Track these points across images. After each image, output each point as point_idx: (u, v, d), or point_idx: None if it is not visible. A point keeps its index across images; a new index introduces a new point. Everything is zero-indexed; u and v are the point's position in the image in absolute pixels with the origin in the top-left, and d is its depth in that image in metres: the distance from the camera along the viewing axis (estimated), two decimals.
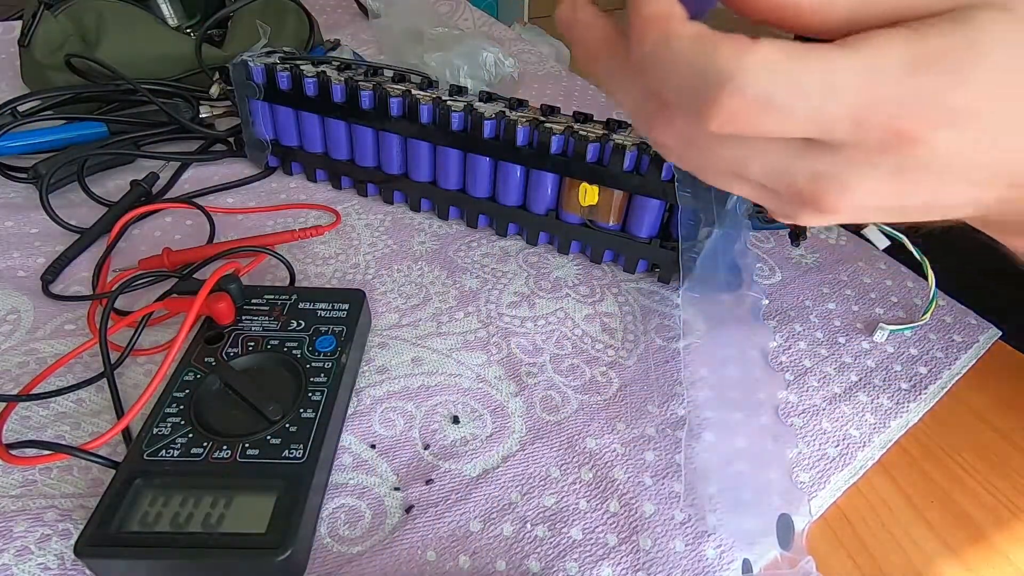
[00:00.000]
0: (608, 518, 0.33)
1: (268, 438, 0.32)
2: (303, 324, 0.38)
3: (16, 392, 0.36)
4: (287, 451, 0.31)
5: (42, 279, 0.44)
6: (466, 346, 0.41)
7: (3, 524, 0.31)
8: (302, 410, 0.33)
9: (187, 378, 0.34)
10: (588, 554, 0.31)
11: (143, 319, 0.39)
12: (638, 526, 0.32)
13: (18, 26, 0.66)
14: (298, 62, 0.49)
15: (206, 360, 0.35)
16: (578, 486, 0.34)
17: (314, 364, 0.36)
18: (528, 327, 0.43)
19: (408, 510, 0.33)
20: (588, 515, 0.33)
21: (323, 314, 0.39)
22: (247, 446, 0.31)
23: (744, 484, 0.33)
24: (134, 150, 0.54)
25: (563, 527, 0.32)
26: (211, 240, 0.48)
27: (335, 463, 0.34)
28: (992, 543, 0.33)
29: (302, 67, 0.48)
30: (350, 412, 0.37)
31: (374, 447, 0.35)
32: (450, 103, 0.45)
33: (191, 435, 0.32)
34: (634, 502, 0.33)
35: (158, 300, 0.41)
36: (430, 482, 0.34)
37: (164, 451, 0.31)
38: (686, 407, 0.38)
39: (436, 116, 0.45)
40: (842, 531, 0.33)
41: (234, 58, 0.50)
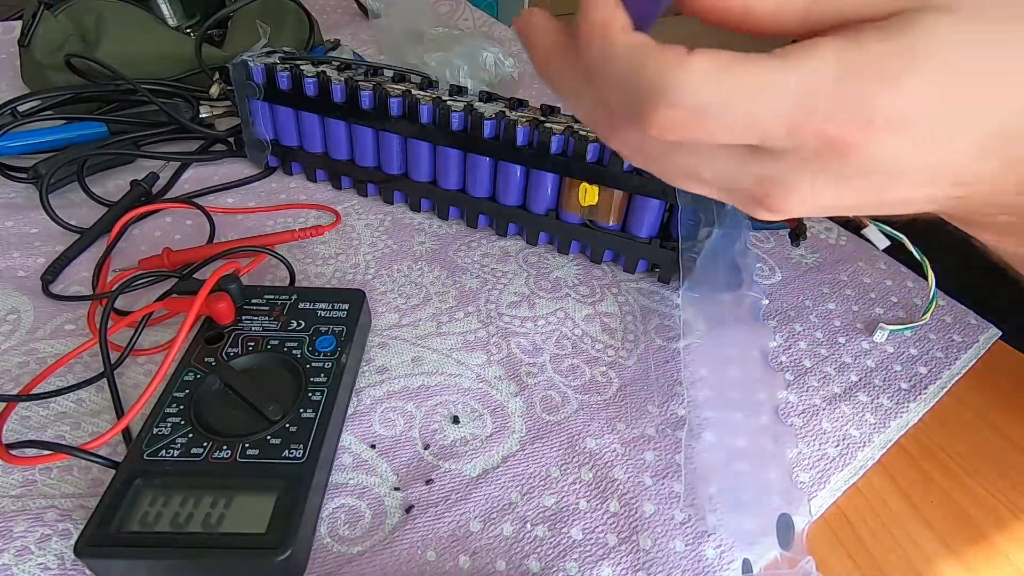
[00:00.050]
0: (608, 518, 0.33)
1: (268, 438, 0.32)
2: (303, 324, 0.38)
3: (16, 392, 0.35)
4: (287, 451, 0.31)
5: (42, 279, 0.44)
6: (466, 346, 0.41)
7: (3, 524, 0.31)
8: (302, 410, 0.33)
9: (187, 378, 0.34)
10: (588, 554, 0.31)
11: (143, 319, 0.39)
12: (638, 526, 0.32)
13: (18, 26, 0.66)
14: (298, 62, 0.49)
15: (206, 360, 0.35)
16: (578, 486, 0.34)
17: (314, 364, 0.36)
18: (528, 327, 0.43)
19: (408, 510, 0.33)
20: (588, 515, 0.33)
21: (323, 314, 0.39)
22: (247, 446, 0.31)
23: (744, 484, 0.33)
24: (134, 150, 0.54)
25: (563, 527, 0.32)
26: (211, 240, 0.48)
27: (335, 463, 0.34)
28: (992, 543, 0.33)
29: (302, 67, 0.48)
30: (350, 412, 0.37)
31: (374, 447, 0.35)
32: (450, 103, 0.45)
33: (191, 435, 0.32)
34: (634, 502, 0.33)
35: (158, 300, 0.41)
36: (430, 482, 0.34)
37: (164, 451, 0.31)
38: (686, 407, 0.38)
39: (436, 116, 0.45)
40: (842, 531, 0.33)
41: (234, 58, 0.50)
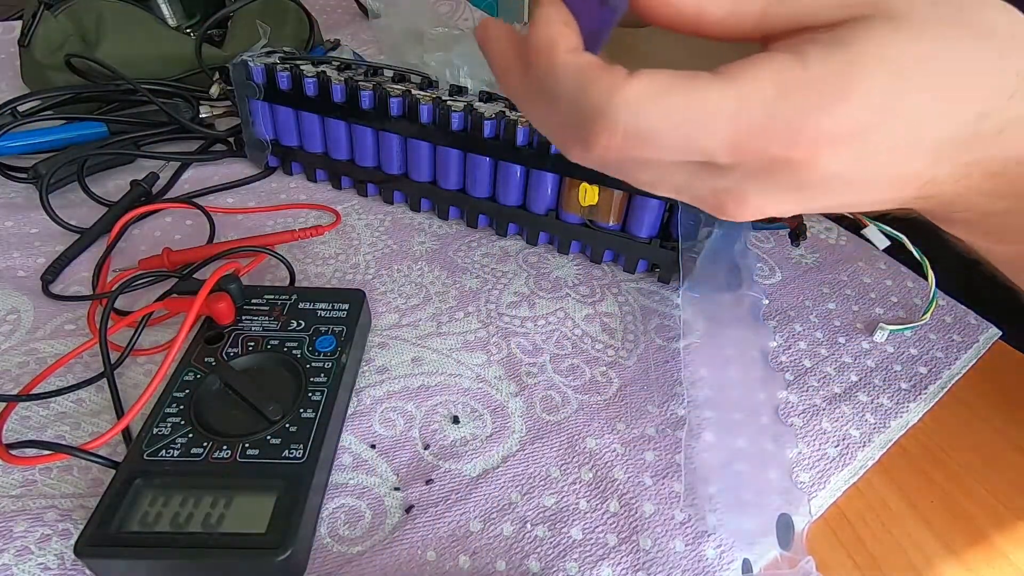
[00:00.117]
0: (608, 518, 0.33)
1: (268, 438, 0.32)
2: (303, 324, 0.38)
3: (16, 392, 0.35)
4: (287, 451, 0.31)
5: (42, 279, 0.44)
6: (466, 346, 0.41)
7: (3, 524, 0.31)
8: (302, 410, 0.33)
9: (187, 378, 0.34)
10: (588, 554, 0.31)
11: (143, 319, 0.39)
12: (638, 526, 0.32)
13: (18, 26, 0.66)
14: (298, 62, 0.49)
15: (206, 360, 0.35)
16: (578, 486, 0.34)
17: (314, 364, 0.36)
18: (528, 327, 0.43)
19: (408, 510, 0.33)
20: (588, 515, 0.33)
21: (323, 314, 0.39)
22: (247, 446, 0.31)
23: (744, 484, 0.33)
24: (134, 150, 0.54)
25: (563, 527, 0.32)
26: (211, 240, 0.48)
27: (335, 463, 0.34)
28: (992, 543, 0.33)
29: (302, 67, 0.48)
30: (350, 412, 0.37)
31: (374, 447, 0.35)
32: (450, 103, 0.45)
33: (191, 435, 0.32)
34: (634, 502, 0.33)
35: (158, 300, 0.41)
36: (430, 482, 0.34)
37: (164, 451, 0.31)
38: (686, 407, 0.38)
39: (436, 116, 0.45)
40: (842, 531, 0.33)
41: (234, 58, 0.50)
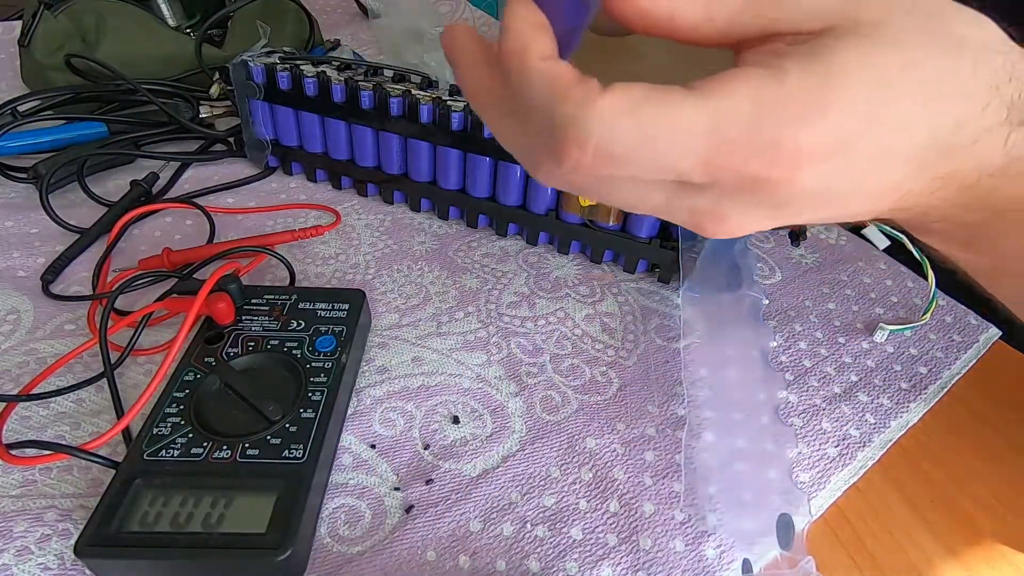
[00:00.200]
0: (608, 518, 0.33)
1: (268, 438, 0.32)
2: (303, 324, 0.38)
3: (16, 392, 0.35)
4: (287, 451, 0.31)
5: (42, 279, 0.44)
6: (466, 346, 0.41)
7: (3, 524, 0.31)
8: (302, 410, 0.33)
9: (187, 378, 0.34)
10: (588, 554, 0.31)
11: (143, 319, 0.38)
12: (638, 526, 0.32)
13: (18, 26, 0.66)
14: (298, 62, 0.49)
15: (206, 360, 0.35)
16: (578, 486, 0.34)
17: (314, 364, 0.36)
18: (528, 327, 0.43)
19: (408, 510, 0.33)
20: (588, 515, 0.33)
21: (323, 314, 0.39)
22: (247, 446, 0.31)
23: (744, 484, 0.33)
24: (134, 150, 0.54)
25: (563, 527, 0.32)
26: (211, 240, 0.48)
27: (335, 463, 0.34)
28: (992, 543, 0.33)
29: (302, 67, 0.48)
30: (350, 412, 0.37)
31: (374, 447, 0.35)
32: (450, 103, 0.45)
33: (191, 435, 0.32)
34: (634, 502, 0.33)
35: (158, 300, 0.41)
36: (430, 482, 0.34)
37: (164, 451, 0.31)
38: (686, 407, 0.38)
39: (436, 116, 0.45)
40: (842, 531, 0.33)
41: (234, 58, 0.50)
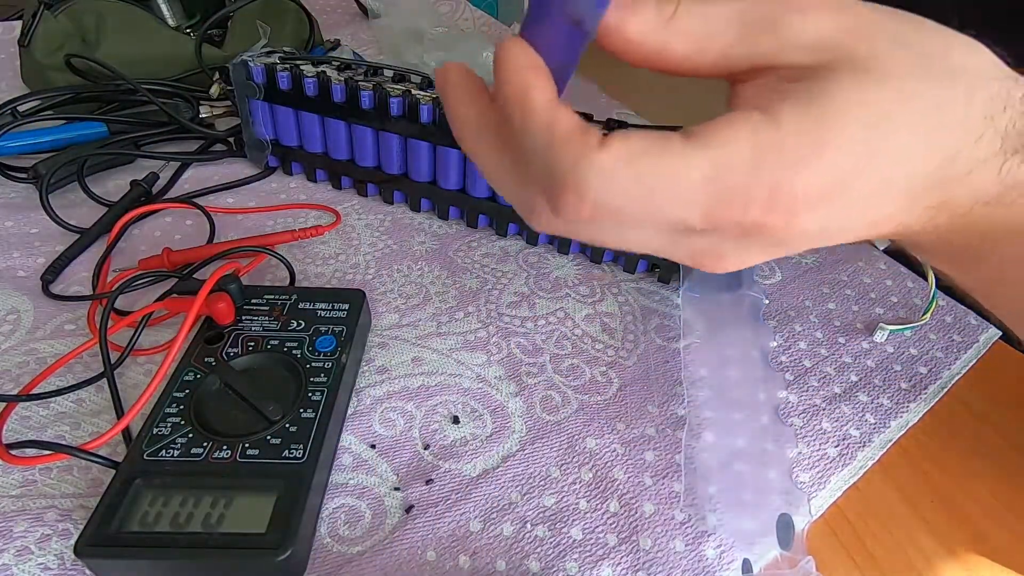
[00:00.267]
0: (608, 518, 0.33)
1: (268, 438, 0.32)
2: (303, 324, 0.38)
3: (16, 392, 0.35)
4: (287, 451, 0.31)
5: (42, 279, 0.44)
6: (466, 346, 0.41)
7: (3, 524, 0.31)
8: (302, 410, 0.33)
9: (187, 378, 0.34)
10: (588, 554, 0.31)
11: (143, 319, 0.38)
12: (638, 526, 0.32)
13: (18, 26, 0.66)
14: (298, 62, 0.49)
15: (206, 360, 0.35)
16: (578, 486, 0.34)
17: (314, 364, 0.36)
18: (528, 327, 0.43)
19: (408, 510, 0.33)
20: (588, 515, 0.33)
21: (323, 314, 0.39)
22: (247, 446, 0.31)
23: (744, 484, 0.33)
24: (134, 150, 0.54)
25: (563, 527, 0.32)
26: (211, 240, 0.48)
27: (335, 463, 0.34)
28: (992, 543, 0.33)
29: (302, 67, 0.48)
30: (350, 412, 0.37)
31: (374, 447, 0.35)
32: None
33: (191, 435, 0.32)
34: (634, 502, 0.33)
35: (158, 300, 0.41)
36: (430, 482, 0.34)
37: (164, 451, 0.31)
38: (686, 407, 0.38)
39: (436, 116, 0.45)
40: (842, 531, 0.33)
41: (234, 58, 0.50)
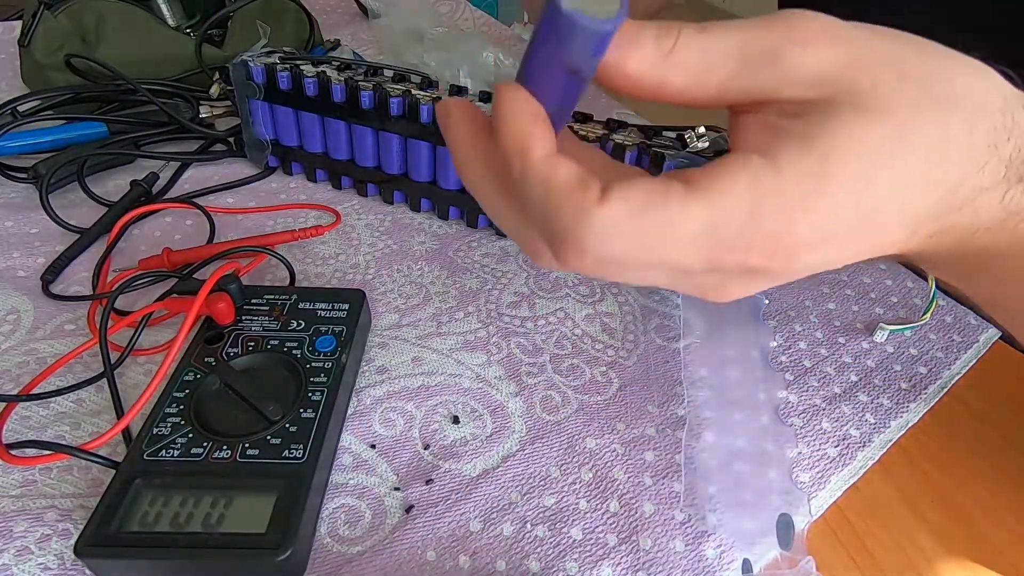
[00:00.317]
0: (608, 518, 0.33)
1: (268, 438, 0.32)
2: (303, 324, 0.38)
3: (16, 392, 0.35)
4: (287, 451, 0.31)
5: (42, 279, 0.44)
6: (466, 346, 0.41)
7: (3, 524, 0.31)
8: (302, 410, 0.33)
9: (187, 378, 0.34)
10: (588, 554, 0.31)
11: (143, 319, 0.38)
12: (638, 526, 0.32)
13: (18, 26, 0.66)
14: (298, 62, 0.49)
15: (206, 360, 0.35)
16: (578, 486, 0.34)
17: (314, 364, 0.36)
18: (528, 327, 0.43)
19: (408, 510, 0.33)
20: (588, 515, 0.33)
21: (323, 314, 0.39)
22: (247, 446, 0.31)
23: (744, 484, 0.33)
24: (134, 150, 0.54)
25: (563, 527, 0.32)
26: (211, 240, 0.48)
27: (335, 463, 0.34)
28: (992, 543, 0.33)
29: (302, 67, 0.48)
30: (350, 412, 0.37)
31: (374, 447, 0.35)
32: None
33: (191, 435, 0.32)
34: (634, 502, 0.33)
35: (158, 300, 0.41)
36: (430, 482, 0.34)
37: (164, 451, 0.31)
38: (686, 407, 0.38)
39: (436, 116, 0.45)
40: (842, 531, 0.33)
41: (234, 58, 0.50)
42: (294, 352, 0.36)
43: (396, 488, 0.34)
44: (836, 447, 0.36)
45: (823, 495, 0.34)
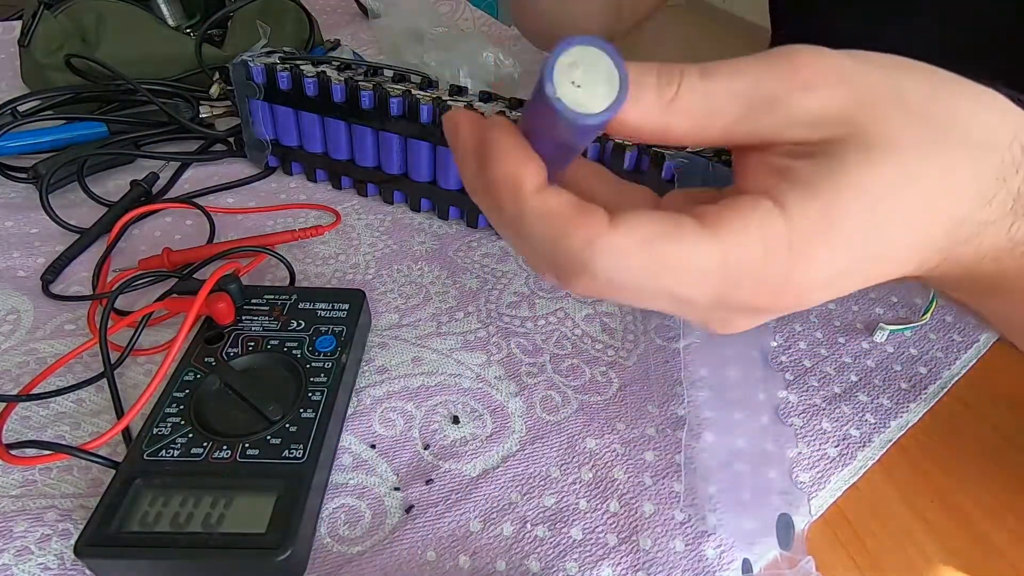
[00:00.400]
0: (608, 518, 0.33)
1: (268, 438, 0.32)
2: (303, 324, 0.38)
3: (16, 392, 0.35)
4: (287, 451, 0.31)
5: (42, 279, 0.44)
6: (466, 346, 0.41)
7: (3, 524, 0.31)
8: (302, 410, 0.33)
9: (187, 378, 0.34)
10: (588, 554, 0.31)
11: (143, 319, 0.38)
12: (638, 526, 0.32)
13: (18, 26, 0.66)
14: (298, 62, 0.49)
15: (206, 360, 0.35)
16: (578, 486, 0.34)
17: (314, 364, 0.36)
18: (528, 327, 0.43)
19: (408, 510, 0.33)
20: (588, 515, 0.33)
21: (323, 314, 0.39)
22: (247, 446, 0.31)
23: (744, 484, 0.33)
24: (134, 150, 0.54)
25: (563, 527, 0.32)
26: (211, 240, 0.48)
27: (335, 463, 0.34)
28: (992, 543, 0.33)
29: (302, 67, 0.48)
30: (350, 412, 0.37)
31: (374, 447, 0.35)
32: (450, 103, 0.45)
33: (191, 435, 0.32)
34: (634, 502, 0.33)
35: (158, 300, 0.41)
36: (430, 482, 0.34)
37: (164, 451, 0.31)
38: (686, 407, 0.38)
39: (436, 116, 0.45)
40: (842, 531, 0.33)
41: (234, 58, 0.50)
42: (294, 352, 0.36)
43: (396, 488, 0.34)
44: (836, 447, 0.36)
45: (823, 495, 0.34)
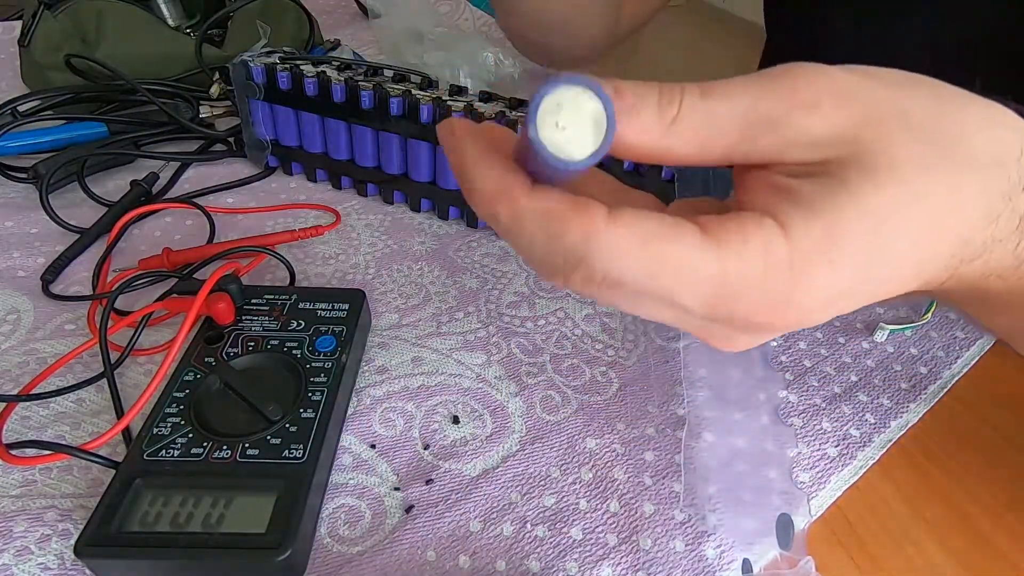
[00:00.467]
0: (608, 518, 0.33)
1: (268, 438, 0.32)
2: (303, 324, 0.38)
3: (16, 392, 0.35)
4: (287, 451, 0.31)
5: (42, 279, 0.44)
6: (466, 346, 0.41)
7: (3, 524, 0.31)
8: (302, 410, 0.33)
9: (187, 378, 0.34)
10: (588, 554, 0.31)
11: (143, 319, 0.38)
12: (638, 526, 0.32)
13: (18, 26, 0.66)
14: (298, 62, 0.49)
15: (206, 360, 0.35)
16: (578, 486, 0.34)
17: (314, 364, 0.36)
18: (528, 327, 0.43)
19: (408, 510, 0.33)
20: (588, 515, 0.33)
21: (323, 314, 0.39)
22: (247, 446, 0.31)
23: (744, 484, 0.33)
24: (134, 150, 0.54)
25: (563, 527, 0.32)
26: (211, 240, 0.48)
27: (335, 463, 0.34)
28: (992, 543, 0.33)
29: (302, 67, 0.48)
30: (350, 412, 0.37)
31: (374, 447, 0.35)
32: (450, 103, 0.45)
33: (191, 435, 0.32)
34: (634, 502, 0.33)
35: (158, 300, 0.41)
36: (430, 482, 0.34)
37: (164, 451, 0.31)
38: (686, 407, 0.38)
39: (436, 116, 0.45)
40: (842, 531, 0.33)
41: (234, 58, 0.50)
42: (294, 352, 0.36)
43: (396, 488, 0.34)
44: (836, 447, 0.36)
45: (823, 495, 0.34)
